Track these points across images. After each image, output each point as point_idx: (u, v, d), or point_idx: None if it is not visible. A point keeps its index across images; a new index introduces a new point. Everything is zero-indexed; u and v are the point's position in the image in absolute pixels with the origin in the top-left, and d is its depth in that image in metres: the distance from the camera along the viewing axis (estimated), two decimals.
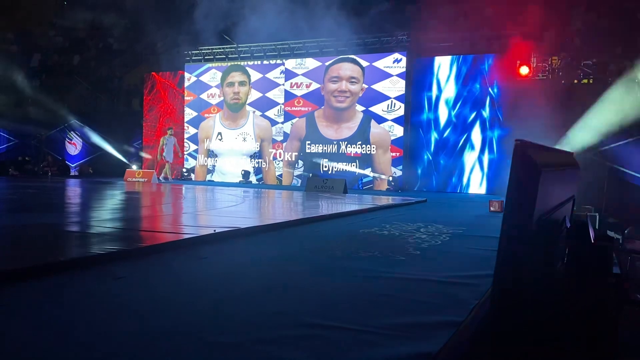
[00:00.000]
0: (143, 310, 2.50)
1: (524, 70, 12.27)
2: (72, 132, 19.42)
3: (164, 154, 15.69)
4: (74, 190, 11.27)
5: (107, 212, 6.95)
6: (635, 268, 4.88)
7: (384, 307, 2.64)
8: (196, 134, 16.87)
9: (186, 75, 17.01)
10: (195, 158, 16.91)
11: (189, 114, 17.01)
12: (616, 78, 10.81)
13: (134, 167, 16.71)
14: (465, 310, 2.54)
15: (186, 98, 17.05)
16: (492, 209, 8.03)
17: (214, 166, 16.54)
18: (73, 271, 3.17)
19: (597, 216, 8.32)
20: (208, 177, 16.58)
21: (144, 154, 17.80)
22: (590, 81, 11.95)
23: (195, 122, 16.90)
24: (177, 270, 3.41)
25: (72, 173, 18.93)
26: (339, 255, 4.04)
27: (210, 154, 16.60)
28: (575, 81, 12.04)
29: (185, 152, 17.05)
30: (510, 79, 12.44)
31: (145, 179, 14.65)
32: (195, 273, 3.35)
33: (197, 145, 16.85)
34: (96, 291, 2.84)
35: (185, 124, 17.05)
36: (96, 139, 18.71)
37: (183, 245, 4.14)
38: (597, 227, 7.88)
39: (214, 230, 4.54)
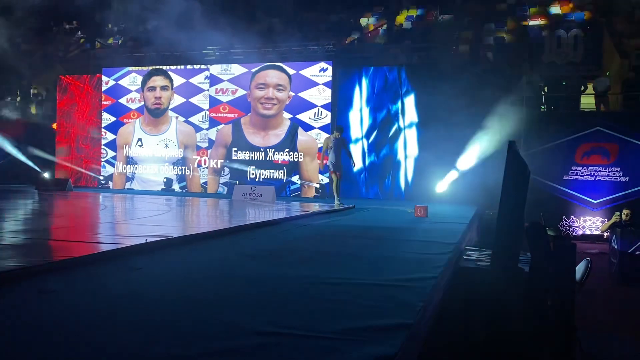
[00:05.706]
0: (76, 329, 2.32)
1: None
2: None
3: (330, 161, 10.07)
4: None
5: (22, 222, 6.44)
6: None
7: (334, 312, 2.64)
8: (114, 140, 16.08)
9: (104, 78, 16.18)
10: (113, 165, 16.10)
11: (107, 119, 16.18)
12: None
13: (46, 174, 15.59)
14: (413, 313, 2.59)
15: (104, 102, 16.21)
16: (417, 214, 8.29)
17: (133, 174, 15.83)
18: None
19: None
20: (127, 185, 15.83)
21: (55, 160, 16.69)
22: None
23: (114, 128, 16.11)
24: (111, 283, 3.21)
25: None
26: (278, 263, 4.00)
27: (130, 160, 15.89)
28: None
29: (102, 159, 16.20)
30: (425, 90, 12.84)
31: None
32: (132, 285, 3.17)
33: (115, 152, 16.07)
34: (20, 308, 2.62)
35: (103, 130, 16.19)
36: (3, 144, 17.28)
37: (112, 256, 3.92)
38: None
39: (146, 240, 4.34)
